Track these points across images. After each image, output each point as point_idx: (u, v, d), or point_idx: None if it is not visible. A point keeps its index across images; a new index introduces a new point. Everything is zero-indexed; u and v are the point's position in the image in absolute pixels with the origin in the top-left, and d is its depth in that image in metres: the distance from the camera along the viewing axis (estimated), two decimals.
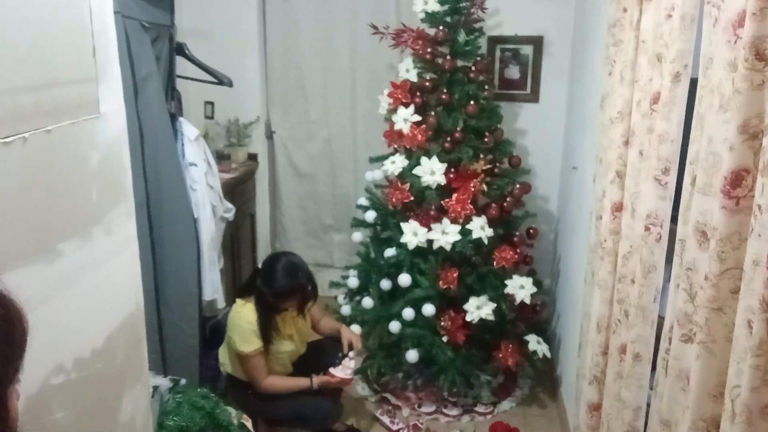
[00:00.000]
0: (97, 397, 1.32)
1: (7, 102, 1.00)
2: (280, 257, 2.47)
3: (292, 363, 2.56)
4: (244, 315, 2.40)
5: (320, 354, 2.60)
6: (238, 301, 2.47)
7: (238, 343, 2.37)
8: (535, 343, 2.87)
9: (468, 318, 2.72)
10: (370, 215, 3.00)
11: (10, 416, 0.66)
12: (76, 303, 1.21)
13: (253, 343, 2.37)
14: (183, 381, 2.09)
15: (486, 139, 2.87)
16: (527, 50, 3.31)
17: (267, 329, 2.40)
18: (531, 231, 3.05)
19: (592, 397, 1.98)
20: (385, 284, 2.90)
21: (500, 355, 2.82)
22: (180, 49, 2.62)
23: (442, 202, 2.78)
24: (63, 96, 1.15)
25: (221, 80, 2.82)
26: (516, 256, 2.82)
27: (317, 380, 2.46)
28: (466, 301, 2.76)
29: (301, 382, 2.47)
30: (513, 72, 3.35)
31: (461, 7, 2.86)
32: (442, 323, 2.76)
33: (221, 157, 3.47)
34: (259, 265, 2.51)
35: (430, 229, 2.75)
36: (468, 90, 2.84)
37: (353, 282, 3.04)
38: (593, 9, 2.61)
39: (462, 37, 2.85)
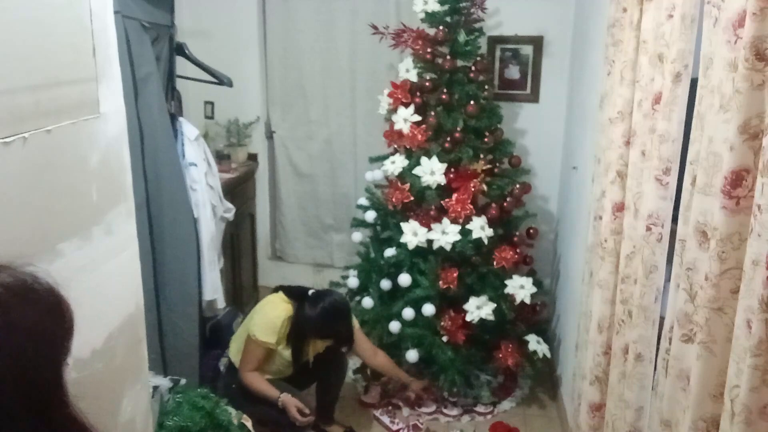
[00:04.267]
0: (97, 397, 1.32)
1: (7, 102, 1.00)
2: (327, 297, 2.47)
3: (289, 371, 2.55)
4: (279, 310, 2.44)
5: (322, 362, 2.61)
6: (281, 295, 2.51)
7: (257, 326, 2.40)
8: (535, 343, 2.87)
9: (468, 318, 2.72)
10: (370, 215, 3.00)
11: (66, 393, 0.77)
12: (76, 303, 1.20)
13: (268, 336, 2.39)
14: (183, 381, 2.09)
15: (486, 139, 2.87)
16: (527, 50, 3.30)
17: (291, 339, 2.44)
18: (531, 231, 3.05)
19: (593, 397, 1.98)
20: (385, 284, 2.90)
21: (500, 355, 2.81)
22: (180, 49, 2.62)
23: (442, 202, 2.78)
24: (63, 96, 1.15)
25: (221, 80, 2.82)
26: (516, 256, 2.82)
27: (283, 400, 2.40)
28: (466, 301, 2.76)
29: (272, 393, 2.42)
30: (513, 72, 3.34)
31: (461, 7, 2.85)
32: (442, 323, 2.76)
33: (221, 157, 3.47)
34: (310, 290, 2.54)
35: (430, 229, 2.75)
36: (468, 90, 2.84)
37: (353, 282, 3.04)
38: (593, 9, 2.61)
39: (462, 37, 2.85)
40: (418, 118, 2.83)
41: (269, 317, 2.42)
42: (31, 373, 0.71)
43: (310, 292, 2.52)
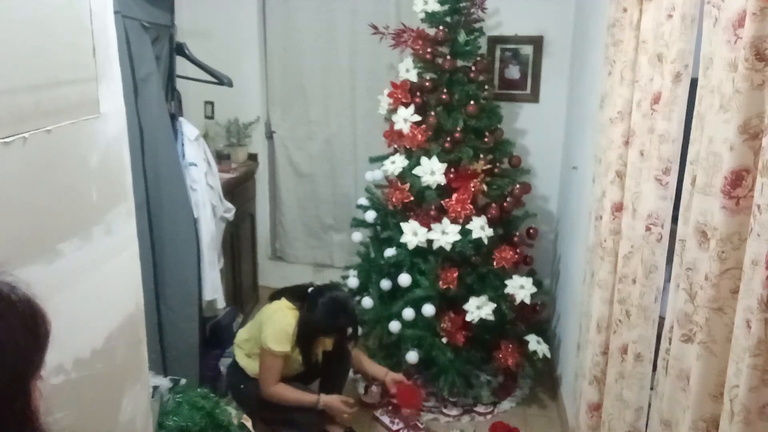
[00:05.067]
0: (97, 397, 1.32)
1: (7, 102, 1.00)
2: (326, 292, 2.48)
3: (298, 371, 2.57)
4: (288, 318, 2.43)
5: (326, 359, 2.61)
6: (285, 301, 2.49)
7: (269, 338, 2.39)
8: (535, 343, 2.87)
9: (468, 318, 2.72)
10: (370, 215, 3.00)
11: (32, 408, 0.74)
12: (76, 303, 1.21)
13: (284, 345, 2.39)
14: (183, 381, 2.09)
15: (486, 139, 2.87)
16: (527, 50, 3.30)
17: (303, 342, 2.44)
18: (531, 231, 3.05)
19: (592, 397, 1.98)
20: (385, 284, 2.90)
21: (500, 355, 2.82)
22: (180, 49, 2.63)
23: (442, 202, 2.78)
24: (63, 96, 1.15)
25: (221, 80, 2.82)
26: (516, 256, 2.82)
27: (324, 401, 2.46)
28: (466, 301, 2.76)
29: (308, 398, 2.46)
30: (513, 72, 3.34)
31: (461, 7, 2.86)
32: (443, 325, 2.76)
33: (221, 157, 3.47)
34: (311, 286, 2.54)
35: (430, 229, 2.75)
36: (468, 90, 2.84)
37: (353, 282, 3.04)
38: (593, 9, 2.61)
39: (462, 37, 2.85)
40: (418, 118, 2.83)
41: (281, 326, 2.41)
42: None
43: (310, 289, 2.52)
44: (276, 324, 2.42)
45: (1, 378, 0.70)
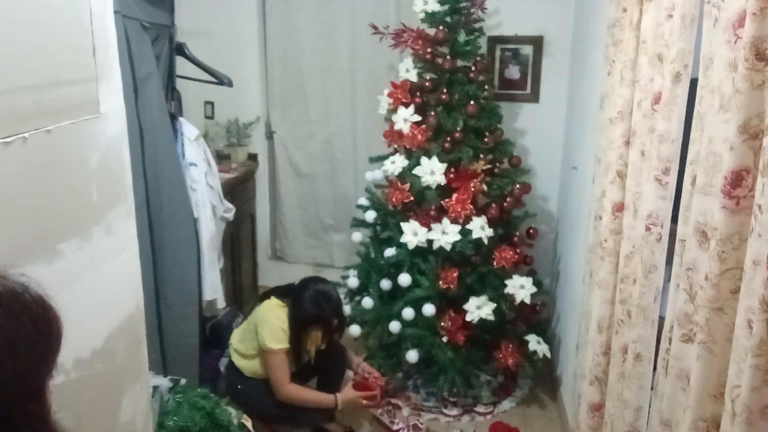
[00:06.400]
0: (97, 397, 1.32)
1: (7, 102, 1.00)
2: (310, 284, 2.50)
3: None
4: (279, 314, 2.45)
5: (321, 357, 2.61)
6: (274, 299, 2.51)
7: (267, 339, 2.40)
8: (535, 343, 2.87)
9: (468, 318, 2.72)
10: (370, 215, 3.00)
11: (46, 408, 0.76)
12: (76, 303, 1.21)
13: (282, 341, 2.41)
14: (183, 381, 2.09)
15: (486, 139, 2.87)
16: (527, 50, 3.30)
17: (292, 338, 2.44)
18: (531, 231, 3.05)
19: (593, 397, 1.98)
20: (385, 284, 2.90)
21: (500, 355, 2.81)
22: (180, 49, 2.62)
23: (442, 202, 2.78)
24: (63, 96, 1.15)
25: (221, 80, 2.82)
26: (516, 256, 2.82)
27: (342, 400, 2.47)
28: (466, 301, 2.76)
29: (325, 400, 2.47)
30: (513, 72, 3.34)
31: (461, 7, 2.86)
32: (443, 323, 2.76)
33: (221, 157, 3.47)
34: (297, 281, 2.56)
35: (430, 229, 2.75)
36: (468, 90, 2.84)
37: (353, 282, 3.04)
38: (593, 9, 2.61)
39: (462, 37, 2.85)
40: (418, 118, 2.83)
41: (275, 325, 2.43)
42: (5, 385, 0.68)
43: (296, 283, 2.54)
44: (269, 323, 2.43)
45: (16, 379, 0.70)
